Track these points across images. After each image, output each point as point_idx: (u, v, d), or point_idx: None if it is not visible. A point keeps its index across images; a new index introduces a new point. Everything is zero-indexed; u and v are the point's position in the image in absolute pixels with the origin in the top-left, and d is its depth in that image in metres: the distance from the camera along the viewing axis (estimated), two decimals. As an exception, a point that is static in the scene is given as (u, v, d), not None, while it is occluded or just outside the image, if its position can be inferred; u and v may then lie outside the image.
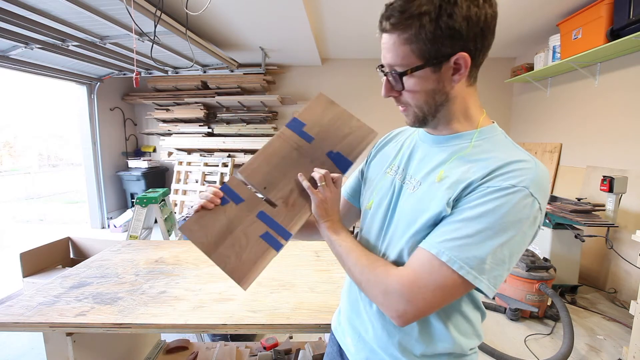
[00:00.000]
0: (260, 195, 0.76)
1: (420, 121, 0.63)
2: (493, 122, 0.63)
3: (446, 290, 0.54)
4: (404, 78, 0.58)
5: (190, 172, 4.76)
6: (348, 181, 0.89)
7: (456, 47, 0.54)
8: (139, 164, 4.80)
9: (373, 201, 0.73)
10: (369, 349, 0.68)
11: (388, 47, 0.57)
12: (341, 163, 0.78)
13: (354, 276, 0.65)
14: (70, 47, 3.00)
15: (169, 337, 1.84)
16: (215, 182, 4.58)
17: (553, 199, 3.01)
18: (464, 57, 0.54)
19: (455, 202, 0.56)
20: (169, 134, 4.97)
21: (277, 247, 0.72)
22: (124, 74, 4.26)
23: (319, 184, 0.72)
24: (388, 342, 0.65)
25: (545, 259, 2.42)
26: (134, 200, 3.03)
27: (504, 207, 0.51)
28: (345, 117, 0.83)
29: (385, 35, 0.58)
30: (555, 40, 3.18)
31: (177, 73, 4.24)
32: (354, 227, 4.07)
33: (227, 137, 4.81)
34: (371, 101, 4.73)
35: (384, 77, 0.61)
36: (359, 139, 0.80)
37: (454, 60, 0.55)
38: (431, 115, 0.61)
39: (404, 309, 0.55)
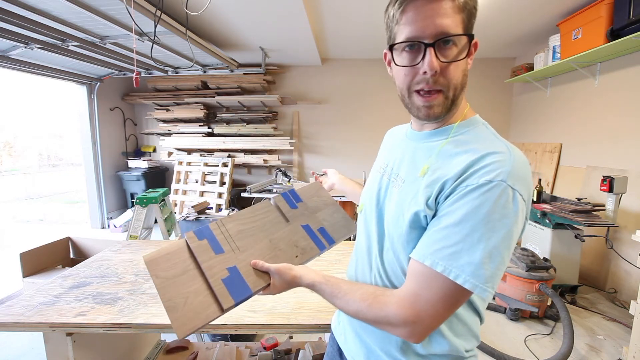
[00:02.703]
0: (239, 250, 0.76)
1: (448, 108, 0.59)
2: (475, 114, 0.63)
3: (447, 301, 0.53)
4: (450, 47, 0.54)
5: (190, 172, 4.76)
6: None
7: (472, 30, 0.56)
8: (139, 164, 4.80)
9: (364, 204, 0.75)
10: (368, 349, 0.68)
11: (441, 12, 0.53)
12: (322, 239, 0.86)
13: (352, 316, 0.63)
14: (70, 47, 3.01)
15: (169, 337, 1.84)
16: (215, 182, 4.58)
17: (553, 199, 3.01)
18: (476, 43, 0.57)
19: (436, 205, 0.55)
20: (169, 134, 4.98)
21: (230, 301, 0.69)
22: (124, 74, 4.26)
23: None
24: (386, 342, 0.65)
25: (545, 259, 2.42)
26: (134, 200, 3.03)
27: (485, 205, 0.50)
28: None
29: (434, 5, 0.53)
30: (555, 40, 3.18)
31: (177, 73, 4.24)
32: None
33: (227, 137, 4.81)
34: (371, 101, 4.73)
35: (427, 49, 0.54)
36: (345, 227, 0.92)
37: (473, 42, 0.57)
38: (455, 101, 0.59)
39: (413, 330, 0.55)
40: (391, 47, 0.60)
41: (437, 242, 0.53)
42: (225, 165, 4.61)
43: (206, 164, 4.67)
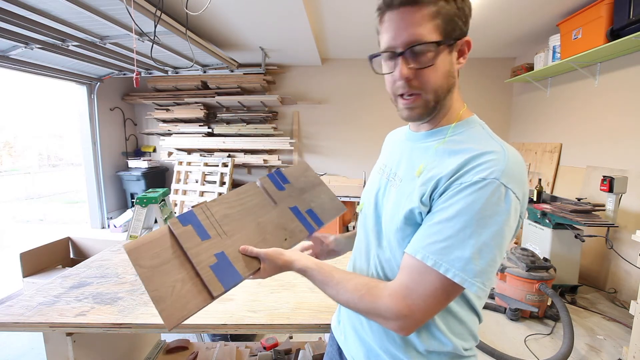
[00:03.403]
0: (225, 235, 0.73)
1: (430, 110, 0.60)
2: (473, 114, 0.64)
3: (438, 295, 0.54)
4: (422, 55, 0.56)
5: (190, 172, 4.76)
6: None
7: (463, 30, 0.57)
8: (139, 164, 4.80)
9: (364, 203, 0.75)
10: (367, 348, 0.69)
11: (411, 22, 0.55)
12: (310, 222, 0.85)
13: (343, 305, 0.64)
14: (70, 47, 3.01)
15: (169, 337, 1.84)
16: (215, 182, 4.58)
17: (553, 199, 3.01)
18: (469, 42, 0.57)
19: (431, 201, 0.56)
20: (169, 134, 4.98)
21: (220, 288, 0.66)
22: (124, 74, 4.26)
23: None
24: (385, 340, 0.65)
25: (545, 259, 2.42)
26: (134, 200, 3.03)
27: (478, 202, 0.51)
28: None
29: (404, 10, 0.55)
30: (555, 40, 3.18)
31: (177, 73, 4.24)
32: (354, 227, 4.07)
33: (227, 137, 4.81)
34: (371, 101, 4.73)
35: (399, 58, 0.57)
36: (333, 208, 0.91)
37: (462, 43, 0.57)
38: (440, 103, 0.60)
39: (404, 324, 0.56)
40: (373, 57, 0.64)
41: (429, 237, 0.54)
42: (225, 165, 4.62)
43: (206, 164, 4.67)
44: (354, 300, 0.60)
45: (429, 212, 0.57)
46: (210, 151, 4.93)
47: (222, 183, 4.56)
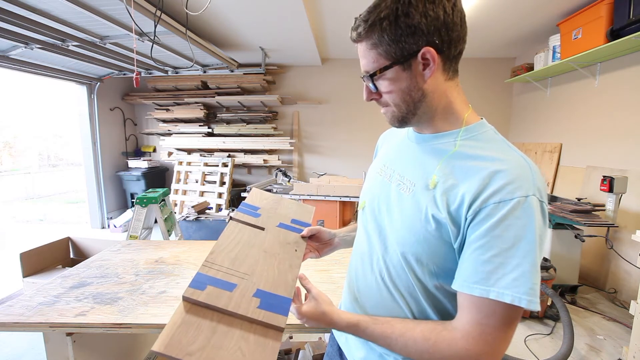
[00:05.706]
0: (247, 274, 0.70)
1: (400, 120, 0.64)
2: (481, 118, 0.63)
3: (513, 321, 0.53)
4: (377, 80, 0.61)
5: (190, 172, 4.76)
6: None
7: (420, 43, 0.56)
8: (139, 164, 4.81)
9: (365, 202, 0.74)
10: (367, 348, 0.68)
11: (361, 55, 0.62)
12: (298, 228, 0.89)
13: (414, 358, 0.60)
14: (70, 47, 3.01)
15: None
16: (215, 182, 4.58)
17: (553, 199, 3.01)
18: (429, 51, 0.56)
19: (459, 217, 0.54)
20: (169, 134, 4.98)
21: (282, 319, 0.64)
22: (124, 74, 4.26)
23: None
24: None
25: (545, 259, 2.42)
26: (134, 200, 3.03)
27: (530, 224, 0.50)
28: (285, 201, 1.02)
29: (357, 45, 0.62)
30: (555, 40, 3.18)
31: (177, 73, 4.24)
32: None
33: (227, 137, 4.82)
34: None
35: (364, 84, 0.65)
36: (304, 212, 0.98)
37: (421, 56, 0.56)
38: (411, 113, 0.62)
39: None
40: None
41: (494, 272, 0.51)
42: (225, 165, 4.62)
43: (206, 164, 4.67)
44: (428, 350, 0.56)
45: (458, 228, 0.55)
46: (210, 151, 4.93)
47: (222, 183, 4.56)
